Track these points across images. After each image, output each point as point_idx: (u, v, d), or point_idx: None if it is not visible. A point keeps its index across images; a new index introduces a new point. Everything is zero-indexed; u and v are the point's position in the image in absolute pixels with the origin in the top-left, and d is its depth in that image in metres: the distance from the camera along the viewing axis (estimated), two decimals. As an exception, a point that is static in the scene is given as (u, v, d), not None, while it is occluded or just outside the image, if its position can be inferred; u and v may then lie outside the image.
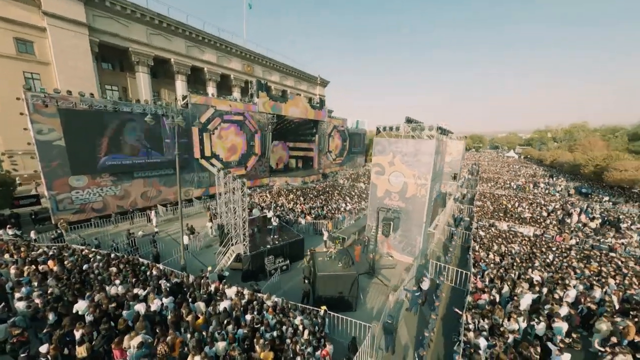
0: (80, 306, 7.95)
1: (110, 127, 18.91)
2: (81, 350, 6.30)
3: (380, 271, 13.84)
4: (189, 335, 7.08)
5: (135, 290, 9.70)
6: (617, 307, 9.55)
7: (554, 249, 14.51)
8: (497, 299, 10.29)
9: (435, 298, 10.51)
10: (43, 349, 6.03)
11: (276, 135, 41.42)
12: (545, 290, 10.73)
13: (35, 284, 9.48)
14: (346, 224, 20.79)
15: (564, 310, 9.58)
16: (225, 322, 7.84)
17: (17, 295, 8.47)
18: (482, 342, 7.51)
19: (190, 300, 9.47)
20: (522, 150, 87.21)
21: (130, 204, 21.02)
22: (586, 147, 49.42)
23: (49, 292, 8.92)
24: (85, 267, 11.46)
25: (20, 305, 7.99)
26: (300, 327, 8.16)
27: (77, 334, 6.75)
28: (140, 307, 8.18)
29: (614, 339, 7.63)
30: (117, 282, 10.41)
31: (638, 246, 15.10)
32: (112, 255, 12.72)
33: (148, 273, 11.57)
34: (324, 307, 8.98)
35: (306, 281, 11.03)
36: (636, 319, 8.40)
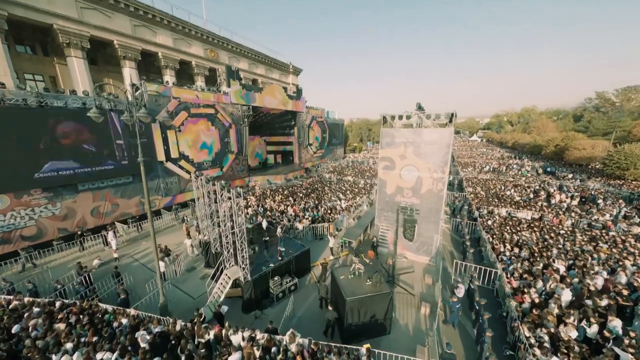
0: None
1: (39, 127, 14.29)
2: None
3: (399, 277, 12.44)
4: None
5: (99, 356, 6.92)
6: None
7: (561, 232, 14.53)
8: (537, 300, 9.50)
9: (477, 308, 9.35)
10: None
11: (251, 129, 37.82)
12: (576, 280, 10.26)
13: None
14: (345, 223, 19.13)
15: (604, 302, 9.13)
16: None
17: None
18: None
19: (183, 358, 6.99)
20: (484, 134, 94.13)
21: (77, 225, 16.63)
22: (540, 129, 54.29)
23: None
24: (15, 329, 8.11)
25: None
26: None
27: None
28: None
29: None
30: (69, 346, 7.43)
31: (624, 222, 15.93)
32: (58, 305, 9.29)
33: (115, 324, 8.56)
34: (366, 346, 7.15)
35: (330, 307, 9.06)
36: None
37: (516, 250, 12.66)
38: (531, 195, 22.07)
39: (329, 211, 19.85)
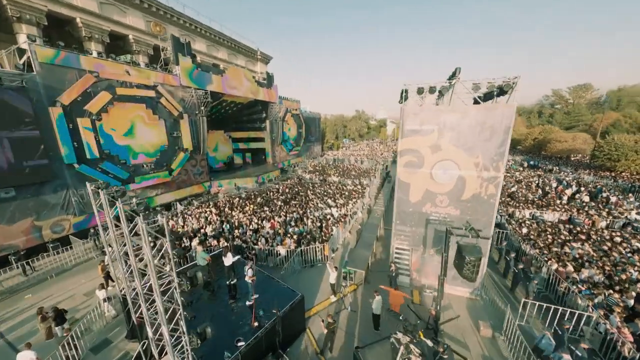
0: None
1: None
2: None
3: (442, 330, 8.26)
4: None
5: None
6: None
7: (605, 237, 11.81)
8: None
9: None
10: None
11: (212, 122, 31.38)
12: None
13: None
14: (340, 238, 14.63)
15: None
16: None
17: None
18: None
19: None
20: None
21: None
22: (509, 123, 55.70)
23: None
24: None
25: None
26: None
27: None
28: None
29: None
30: None
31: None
32: None
33: None
34: None
35: None
36: None
37: (585, 273, 9.33)
38: (539, 192, 19.90)
39: (319, 223, 15.16)
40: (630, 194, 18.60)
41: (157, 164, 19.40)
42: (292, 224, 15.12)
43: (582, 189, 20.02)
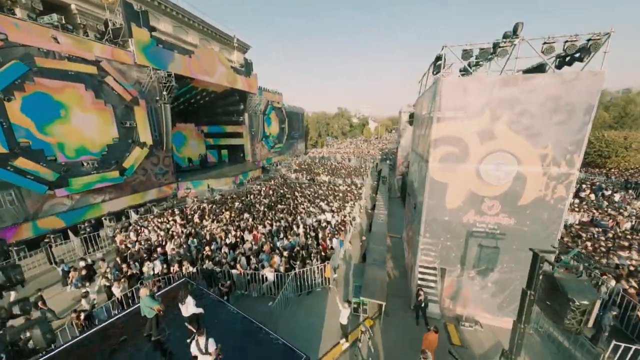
0: None
1: None
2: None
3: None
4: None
5: None
6: None
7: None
8: None
9: None
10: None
11: (181, 113, 27.17)
12: None
13: None
14: (341, 251, 11.88)
15: None
16: None
17: None
18: None
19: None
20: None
21: None
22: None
23: None
24: None
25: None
26: None
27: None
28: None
29: None
30: None
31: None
32: None
33: None
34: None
35: None
36: None
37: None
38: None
39: (313, 232, 12.29)
40: (630, 191, 18.05)
41: (104, 162, 15.23)
42: (281, 235, 12.09)
43: (584, 186, 19.25)
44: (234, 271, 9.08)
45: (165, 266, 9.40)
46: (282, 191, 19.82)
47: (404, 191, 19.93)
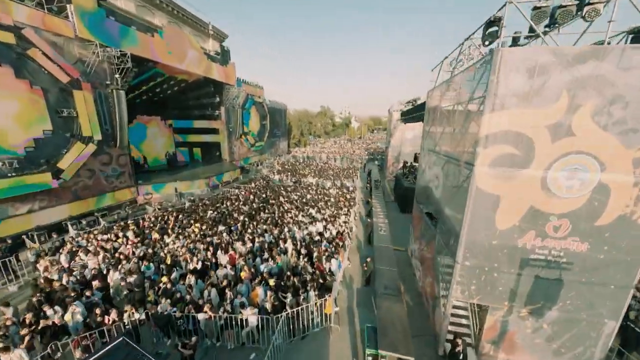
0: None
1: None
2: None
3: None
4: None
5: None
6: None
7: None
8: None
9: None
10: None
11: (144, 105, 23.48)
12: None
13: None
14: (340, 274, 9.69)
15: None
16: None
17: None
18: None
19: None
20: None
21: None
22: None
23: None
24: None
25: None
26: None
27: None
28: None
29: None
30: None
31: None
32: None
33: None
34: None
35: None
36: None
37: None
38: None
39: (305, 250, 10.01)
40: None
41: (30, 162, 11.67)
42: (264, 254, 9.65)
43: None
44: (200, 316, 6.53)
45: (98, 312, 6.55)
46: (264, 196, 17.23)
47: (398, 194, 18.33)
